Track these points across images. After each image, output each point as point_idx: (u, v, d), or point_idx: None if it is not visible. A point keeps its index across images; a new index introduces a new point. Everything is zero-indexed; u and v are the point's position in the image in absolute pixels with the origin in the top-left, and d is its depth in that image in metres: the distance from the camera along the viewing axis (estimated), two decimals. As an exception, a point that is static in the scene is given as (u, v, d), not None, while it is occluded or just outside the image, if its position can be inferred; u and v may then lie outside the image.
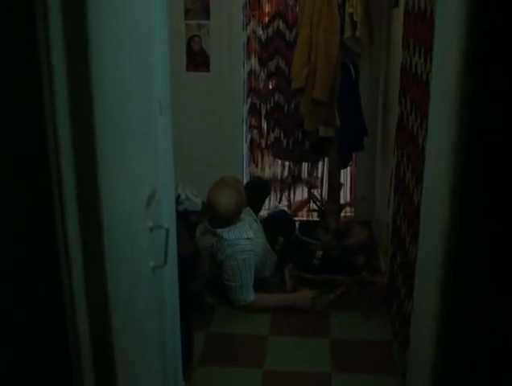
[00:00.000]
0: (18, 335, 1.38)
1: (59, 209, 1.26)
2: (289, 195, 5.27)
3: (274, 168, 5.29)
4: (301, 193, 5.28)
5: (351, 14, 3.89)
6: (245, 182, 4.81)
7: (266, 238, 4.01)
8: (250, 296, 3.64)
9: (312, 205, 4.87)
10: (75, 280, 1.32)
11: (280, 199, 5.29)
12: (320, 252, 3.91)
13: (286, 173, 5.30)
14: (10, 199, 1.29)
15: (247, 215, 3.95)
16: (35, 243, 1.32)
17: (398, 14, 3.50)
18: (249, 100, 5.04)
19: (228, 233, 3.69)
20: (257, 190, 4.37)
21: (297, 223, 4.56)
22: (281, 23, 4.81)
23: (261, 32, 4.88)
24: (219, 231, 3.72)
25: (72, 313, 1.35)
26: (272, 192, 5.21)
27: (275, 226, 4.23)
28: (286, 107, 4.98)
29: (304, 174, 5.24)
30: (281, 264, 4.05)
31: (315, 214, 4.82)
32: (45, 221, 1.29)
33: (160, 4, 2.01)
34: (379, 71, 4.65)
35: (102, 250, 1.35)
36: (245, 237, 3.71)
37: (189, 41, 4.77)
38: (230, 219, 3.74)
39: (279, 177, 5.29)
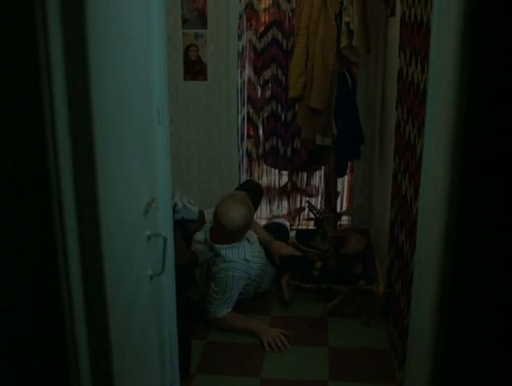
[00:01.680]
0: (15, 343, 1.38)
1: (58, 217, 1.26)
2: (288, 203, 5.28)
3: (270, 177, 5.30)
4: (298, 202, 5.29)
5: (347, 24, 3.91)
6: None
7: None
8: (223, 312, 3.57)
9: (309, 213, 4.88)
10: (74, 288, 1.32)
11: (278, 207, 5.30)
12: (319, 263, 3.90)
13: (282, 182, 5.31)
14: (10, 208, 1.29)
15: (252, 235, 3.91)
16: (33, 251, 1.32)
17: (395, 23, 3.52)
18: (245, 109, 5.05)
19: (225, 251, 3.63)
20: (249, 192, 4.23)
21: (294, 232, 4.57)
22: (277, 32, 4.83)
23: (257, 41, 4.89)
24: (217, 246, 3.64)
25: (70, 323, 1.35)
26: (270, 201, 5.23)
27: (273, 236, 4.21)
28: (282, 116, 4.99)
29: (301, 183, 5.25)
30: (279, 274, 4.02)
31: (313, 222, 4.82)
32: (43, 230, 1.29)
33: (158, 14, 2.02)
34: (376, 80, 4.67)
35: (101, 258, 1.36)
36: (242, 258, 3.65)
37: (186, 50, 4.79)
38: (235, 236, 3.67)
39: (276, 186, 5.30)
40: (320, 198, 5.23)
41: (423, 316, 1.94)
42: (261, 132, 5.14)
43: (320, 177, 5.13)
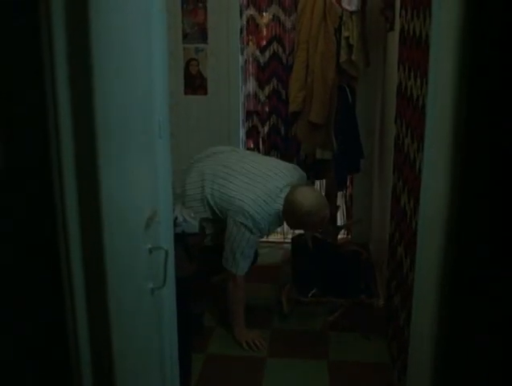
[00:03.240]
0: (17, 349, 1.38)
1: (61, 230, 1.27)
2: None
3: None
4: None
5: (347, 38, 3.94)
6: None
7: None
8: (239, 270, 3.48)
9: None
10: (77, 301, 1.33)
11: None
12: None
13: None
14: (14, 223, 1.30)
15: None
16: (35, 263, 1.33)
17: (394, 37, 3.54)
18: (247, 123, 5.07)
19: (260, 192, 3.47)
20: None
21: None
22: (278, 47, 4.86)
23: (259, 56, 4.92)
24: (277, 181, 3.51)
25: (73, 336, 1.35)
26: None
27: None
28: (283, 130, 5.01)
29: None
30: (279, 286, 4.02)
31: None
32: (46, 242, 1.30)
33: (160, 28, 2.04)
34: (375, 94, 4.68)
35: (104, 271, 1.37)
36: (266, 220, 3.47)
37: (187, 65, 4.82)
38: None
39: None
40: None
41: (424, 328, 1.94)
42: (261, 145, 5.16)
43: (320, 190, 5.13)
